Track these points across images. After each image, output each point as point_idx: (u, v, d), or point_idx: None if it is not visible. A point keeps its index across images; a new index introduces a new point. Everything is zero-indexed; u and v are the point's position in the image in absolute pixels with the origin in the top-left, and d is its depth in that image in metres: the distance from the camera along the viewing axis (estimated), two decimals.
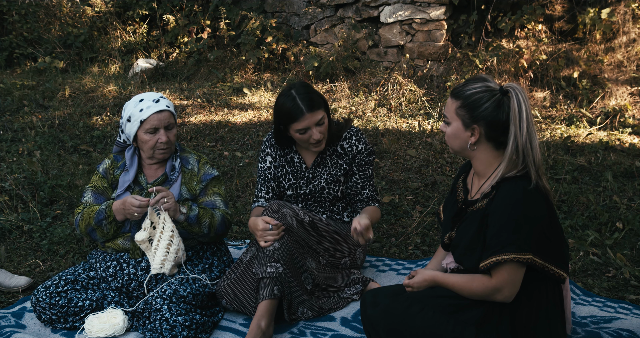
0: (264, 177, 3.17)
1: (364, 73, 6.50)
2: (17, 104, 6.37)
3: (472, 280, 2.19)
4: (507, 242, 2.11)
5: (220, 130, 5.62)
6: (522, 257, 2.10)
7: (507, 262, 2.11)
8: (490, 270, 2.15)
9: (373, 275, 3.28)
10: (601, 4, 5.91)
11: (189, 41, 7.49)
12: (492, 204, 2.16)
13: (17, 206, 4.19)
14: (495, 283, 2.14)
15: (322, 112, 2.96)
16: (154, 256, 2.83)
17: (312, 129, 2.94)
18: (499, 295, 2.15)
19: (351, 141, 3.12)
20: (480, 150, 2.26)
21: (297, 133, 2.95)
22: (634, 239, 3.52)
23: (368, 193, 3.17)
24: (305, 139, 2.97)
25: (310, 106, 2.91)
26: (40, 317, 2.86)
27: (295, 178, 3.14)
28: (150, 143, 2.92)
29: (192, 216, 2.88)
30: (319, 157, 3.13)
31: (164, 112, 2.92)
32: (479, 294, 2.18)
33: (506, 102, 2.17)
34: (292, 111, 2.90)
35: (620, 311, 2.83)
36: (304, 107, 2.90)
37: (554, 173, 4.34)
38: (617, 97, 5.49)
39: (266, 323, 2.66)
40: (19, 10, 7.99)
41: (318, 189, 3.13)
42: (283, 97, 2.96)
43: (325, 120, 2.98)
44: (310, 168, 3.14)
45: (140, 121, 2.89)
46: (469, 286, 2.19)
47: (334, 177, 3.12)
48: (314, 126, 2.94)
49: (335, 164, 3.13)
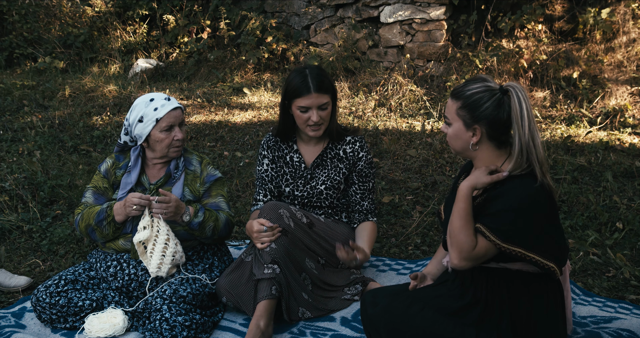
0: (262, 180, 3.17)
1: (364, 73, 6.50)
2: (17, 104, 6.37)
3: (469, 225, 2.18)
4: (499, 227, 2.13)
5: (220, 130, 5.62)
6: (506, 247, 2.13)
7: (489, 241, 2.13)
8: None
9: (373, 275, 3.28)
10: (601, 4, 5.91)
11: (189, 41, 7.49)
12: (497, 193, 2.17)
13: (17, 206, 4.19)
14: (475, 252, 2.14)
15: (328, 97, 2.98)
16: (149, 260, 2.84)
17: (313, 110, 2.95)
18: (462, 260, 2.16)
19: (354, 146, 3.11)
20: (482, 150, 2.26)
21: (298, 110, 2.97)
22: (634, 239, 3.52)
23: (367, 205, 3.15)
24: (304, 119, 2.97)
25: (318, 87, 2.94)
26: (40, 316, 2.86)
27: (293, 179, 3.14)
28: (167, 141, 2.93)
29: (195, 223, 2.88)
30: (319, 158, 3.13)
31: (178, 110, 2.96)
32: (462, 241, 2.15)
33: (506, 101, 2.18)
34: (300, 86, 2.94)
35: (620, 311, 2.83)
36: (312, 85, 2.93)
37: (554, 173, 4.34)
38: (617, 97, 5.49)
39: (265, 323, 2.66)
40: (19, 10, 7.99)
41: (316, 193, 3.11)
42: (295, 73, 3.00)
43: (329, 106, 2.99)
44: (309, 168, 3.13)
45: (156, 120, 2.90)
46: (465, 226, 2.17)
47: (332, 182, 3.10)
48: (316, 108, 2.95)
49: (335, 167, 3.11)
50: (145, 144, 2.99)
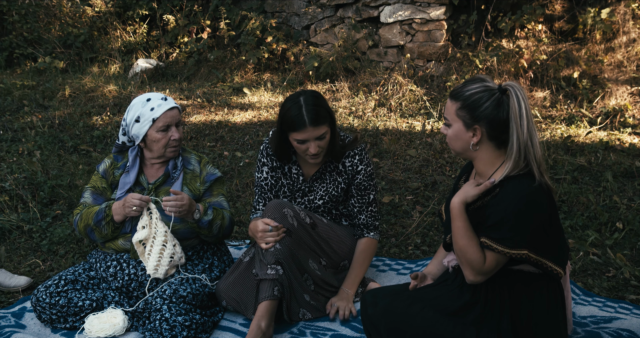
0: (261, 188, 3.11)
1: (364, 73, 6.50)
2: (17, 104, 6.37)
3: (474, 242, 2.18)
4: (504, 235, 2.12)
5: (220, 130, 5.62)
6: (516, 253, 2.13)
7: (498, 253, 2.13)
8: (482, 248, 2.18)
9: (373, 275, 3.28)
10: (601, 4, 5.91)
11: (189, 41, 7.50)
12: (495, 199, 2.17)
13: (17, 206, 4.19)
14: (486, 266, 2.15)
15: (325, 127, 2.85)
16: (147, 261, 2.84)
17: (311, 143, 2.85)
18: (477, 276, 2.17)
19: (353, 160, 3.02)
20: (482, 150, 2.26)
21: (296, 141, 2.87)
22: (634, 239, 3.52)
23: (364, 219, 3.08)
24: (302, 149, 2.89)
25: (314, 120, 2.79)
26: (40, 316, 2.86)
27: (291, 192, 3.09)
28: (163, 141, 2.93)
29: (204, 221, 2.89)
30: (319, 172, 3.06)
31: (174, 110, 2.96)
32: (470, 258, 2.16)
33: (506, 101, 2.18)
34: (295, 120, 2.80)
35: (620, 311, 2.83)
36: (307, 119, 2.78)
37: (554, 173, 4.34)
38: (617, 97, 5.49)
39: (266, 324, 2.66)
40: (19, 10, 7.99)
41: (313, 207, 3.08)
42: (290, 103, 2.86)
43: (327, 135, 2.88)
44: (307, 181, 3.07)
45: (152, 120, 2.90)
46: (470, 244, 2.17)
47: (330, 196, 3.05)
48: (314, 140, 2.84)
49: (334, 181, 3.06)
50: (142, 144, 3.00)
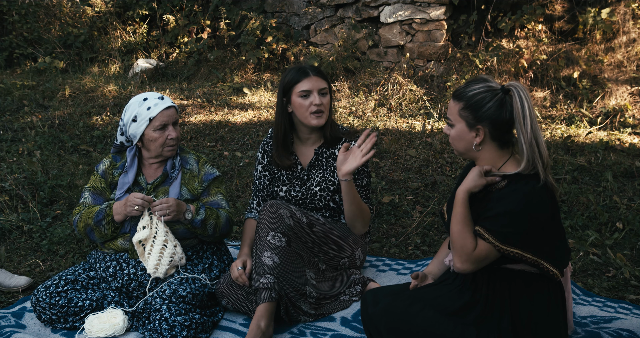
0: (256, 186, 3.21)
1: (364, 73, 6.50)
2: (17, 104, 6.37)
3: (468, 228, 2.19)
4: (498, 229, 2.13)
5: (220, 130, 5.62)
6: (505, 249, 2.13)
7: (489, 243, 2.14)
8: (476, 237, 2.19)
9: (373, 275, 3.28)
10: (601, 4, 5.91)
11: (189, 41, 7.49)
12: (500, 193, 2.18)
13: (17, 206, 4.19)
14: (476, 253, 2.16)
15: (326, 83, 3.02)
16: (147, 260, 2.85)
17: (314, 93, 2.96)
18: (465, 263, 2.17)
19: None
20: (485, 150, 2.26)
21: (299, 97, 2.97)
22: (634, 239, 3.52)
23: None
24: (306, 106, 2.97)
25: (316, 71, 3.00)
26: (40, 317, 2.86)
27: (289, 180, 3.14)
28: (160, 140, 2.94)
29: (197, 221, 2.89)
30: (315, 158, 3.11)
31: (171, 109, 2.96)
32: (462, 244, 2.17)
33: (508, 100, 2.18)
34: (297, 73, 2.99)
35: (620, 311, 2.83)
36: (310, 70, 2.99)
37: (554, 173, 4.34)
38: (617, 97, 5.49)
39: (266, 324, 2.65)
40: (19, 10, 7.99)
41: (310, 194, 3.10)
42: (289, 68, 3.08)
43: (328, 95, 3.03)
44: (305, 169, 3.13)
45: (149, 119, 2.90)
46: (464, 229, 2.18)
47: (327, 183, 3.09)
48: (317, 92, 2.97)
49: (330, 167, 3.11)
50: (140, 144, 3.00)
